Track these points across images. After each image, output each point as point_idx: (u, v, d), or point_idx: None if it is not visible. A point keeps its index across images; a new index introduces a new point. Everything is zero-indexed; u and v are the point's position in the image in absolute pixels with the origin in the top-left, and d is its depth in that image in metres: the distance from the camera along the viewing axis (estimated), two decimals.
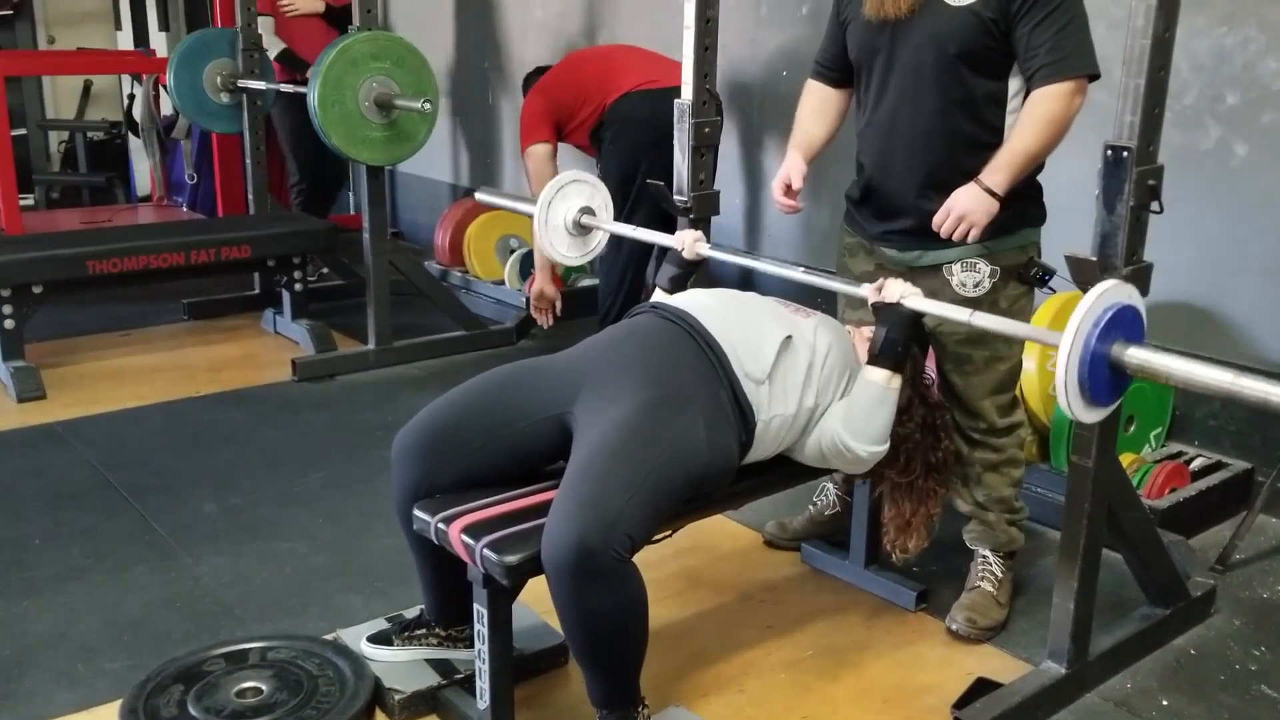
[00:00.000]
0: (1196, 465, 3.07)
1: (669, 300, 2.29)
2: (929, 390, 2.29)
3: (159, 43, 7.49)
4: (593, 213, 2.70)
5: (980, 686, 2.17)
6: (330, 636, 2.34)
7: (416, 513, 2.02)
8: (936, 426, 2.25)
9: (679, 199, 2.73)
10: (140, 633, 2.46)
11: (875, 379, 2.11)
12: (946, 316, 2.09)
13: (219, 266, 4.29)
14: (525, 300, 4.70)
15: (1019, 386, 2.54)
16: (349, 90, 3.97)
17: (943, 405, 2.32)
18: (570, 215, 2.69)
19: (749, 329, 2.14)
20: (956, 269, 2.34)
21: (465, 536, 1.91)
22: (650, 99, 3.72)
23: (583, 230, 2.71)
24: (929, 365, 2.35)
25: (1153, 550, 2.38)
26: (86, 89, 7.72)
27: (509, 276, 4.89)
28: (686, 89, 2.68)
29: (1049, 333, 1.91)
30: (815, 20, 3.90)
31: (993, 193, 2.20)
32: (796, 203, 2.46)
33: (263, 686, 2.16)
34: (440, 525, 1.96)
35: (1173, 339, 3.13)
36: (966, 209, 2.20)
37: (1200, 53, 3.02)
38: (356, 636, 2.29)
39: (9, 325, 3.91)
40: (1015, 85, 2.26)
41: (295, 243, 4.49)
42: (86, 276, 4.01)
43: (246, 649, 2.28)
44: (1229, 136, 3.01)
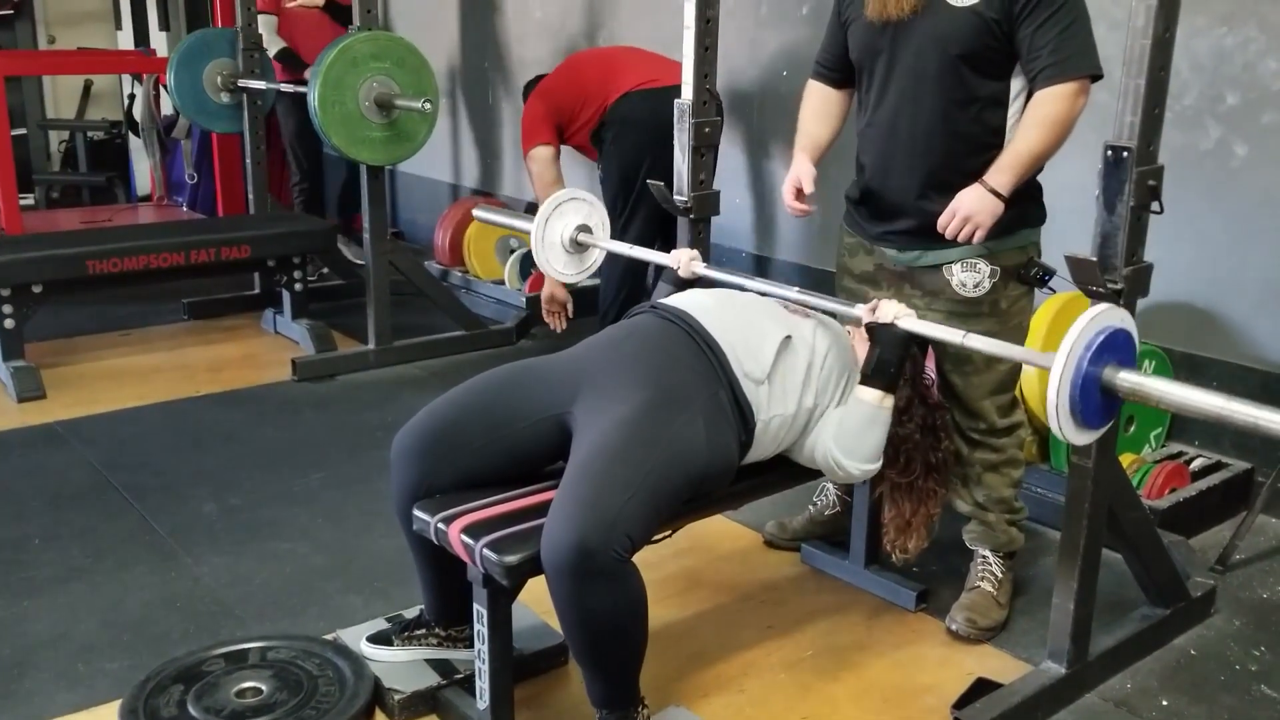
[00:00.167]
0: (1196, 465, 3.07)
1: (668, 300, 2.29)
2: (929, 390, 2.29)
3: (159, 43, 7.49)
4: (589, 230, 2.71)
5: (980, 687, 2.17)
6: (330, 636, 2.34)
7: (416, 513, 2.02)
8: (936, 427, 2.25)
9: (679, 199, 2.73)
10: (140, 633, 2.46)
11: (868, 399, 2.11)
12: (940, 339, 2.09)
13: (219, 266, 4.29)
14: (525, 300, 4.71)
15: (1019, 387, 2.54)
16: (349, 90, 3.97)
17: (943, 405, 2.32)
18: (567, 233, 2.69)
19: (748, 329, 2.14)
20: (957, 269, 2.34)
21: (465, 536, 1.91)
22: (650, 98, 3.71)
23: (579, 248, 2.73)
24: (929, 365, 2.35)
25: (1153, 550, 2.38)
26: (87, 89, 7.73)
27: (509, 276, 4.89)
28: (686, 89, 2.68)
29: (1041, 355, 1.92)
30: (815, 20, 3.90)
31: (997, 194, 2.20)
32: (808, 206, 2.45)
33: (262, 686, 2.16)
34: (440, 525, 1.96)
35: (1173, 339, 3.14)
36: (972, 210, 2.20)
37: (1200, 53, 3.02)
38: (356, 636, 2.29)
39: (9, 325, 3.91)
40: (1017, 86, 2.26)
41: (295, 243, 4.49)
42: (86, 276, 4.01)
43: (246, 649, 2.28)
44: (1229, 136, 3.01)
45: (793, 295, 2.27)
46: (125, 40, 7.83)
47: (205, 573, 2.72)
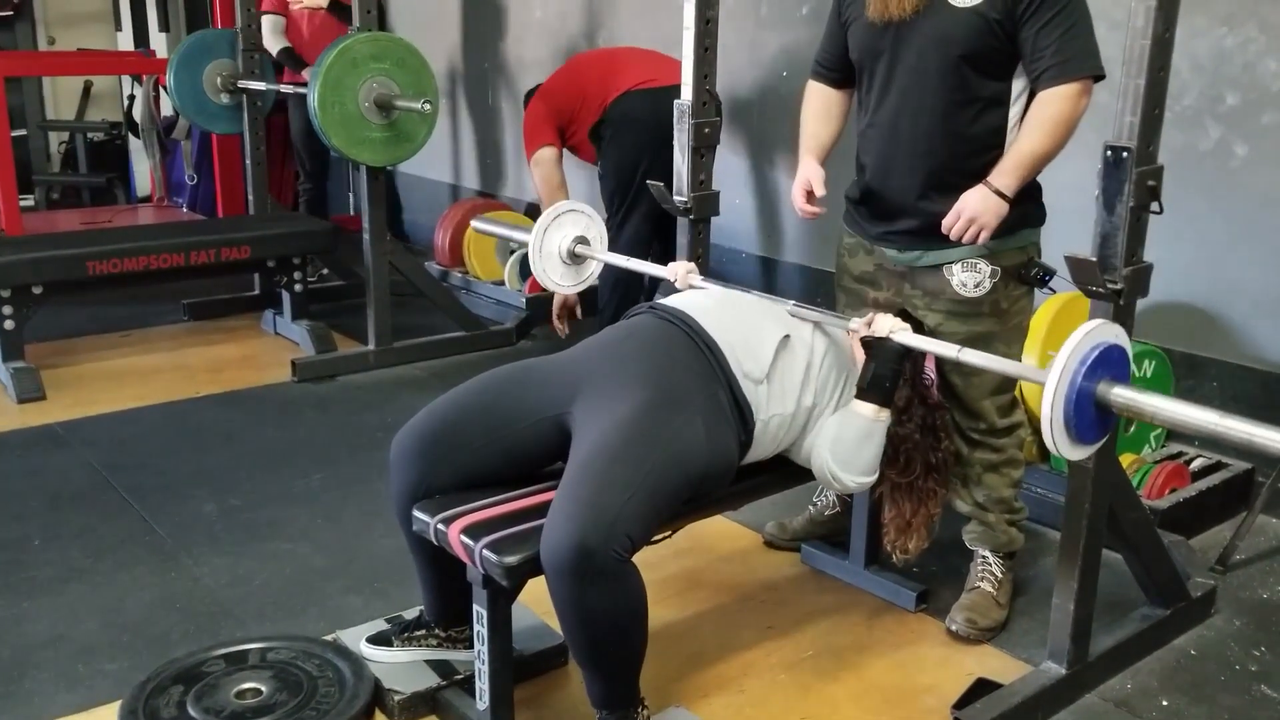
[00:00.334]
0: (1196, 465, 3.06)
1: (667, 301, 2.29)
2: (929, 390, 2.29)
3: (159, 43, 7.50)
4: (587, 242, 2.72)
5: (980, 687, 2.17)
6: (330, 637, 2.34)
7: (416, 513, 2.02)
8: (936, 427, 2.25)
9: (679, 199, 2.73)
10: (140, 633, 2.45)
11: (863, 412, 2.10)
12: (935, 352, 2.09)
13: (219, 267, 4.30)
14: (525, 301, 4.71)
15: (1019, 387, 2.54)
16: (349, 91, 3.97)
17: (942, 405, 2.32)
18: (565, 244, 2.70)
19: (747, 329, 2.15)
20: (957, 269, 2.33)
21: (465, 537, 1.91)
22: (649, 97, 3.72)
23: (577, 259, 2.73)
24: (929, 365, 2.35)
25: (1153, 550, 2.38)
26: (86, 90, 7.73)
27: (509, 277, 4.89)
28: (686, 89, 2.68)
29: (1036, 370, 1.92)
30: (815, 20, 3.90)
31: (1002, 194, 2.20)
32: (818, 208, 2.44)
33: (262, 687, 2.15)
34: (440, 526, 1.96)
35: (1173, 339, 3.14)
36: (976, 211, 2.20)
37: (1200, 53, 3.02)
38: (356, 637, 2.29)
39: (9, 326, 3.91)
40: (1018, 86, 2.26)
41: (295, 243, 4.49)
42: (86, 277, 4.01)
43: (246, 650, 2.28)
44: (1229, 137, 3.01)
45: (788, 308, 2.27)
46: (125, 41, 7.84)
47: (205, 573, 2.72)
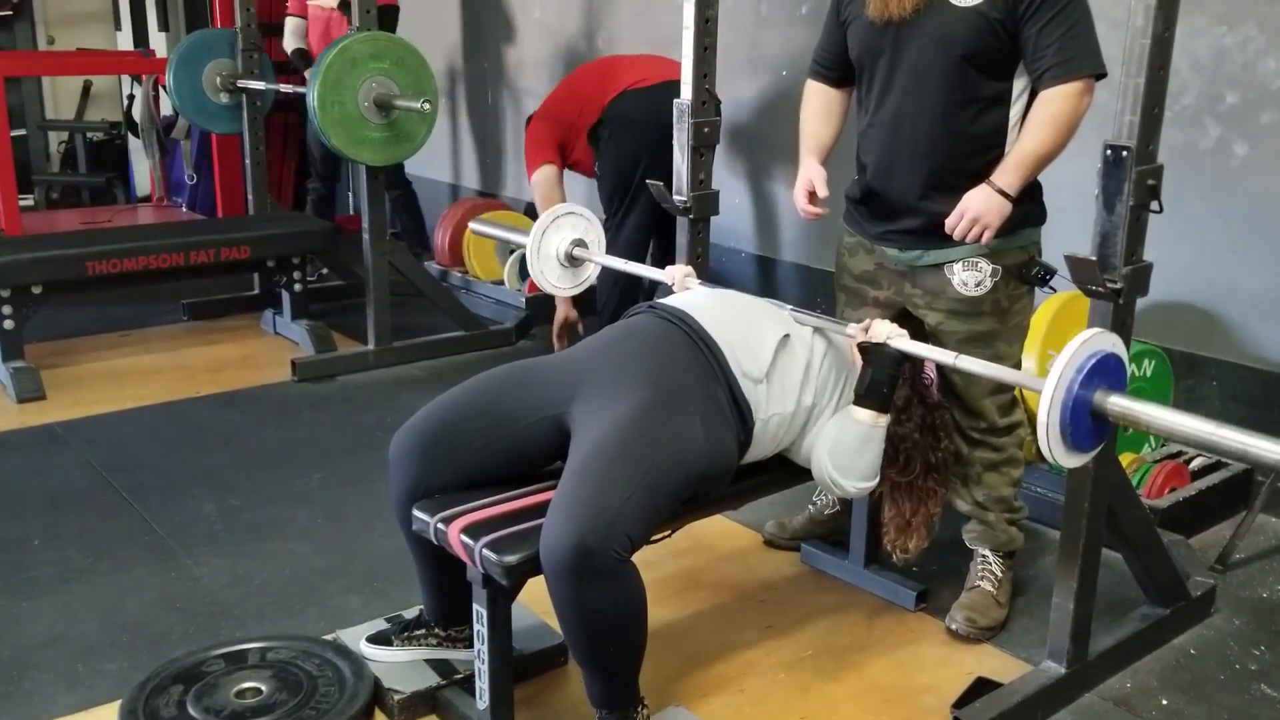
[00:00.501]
0: (1196, 465, 3.06)
1: (667, 300, 2.29)
2: (929, 390, 2.29)
3: (159, 43, 7.50)
4: (585, 245, 2.72)
5: (980, 686, 2.17)
6: (329, 637, 2.34)
7: (416, 513, 2.02)
8: (936, 426, 2.25)
9: (678, 199, 2.73)
10: (139, 633, 2.45)
11: (861, 418, 2.10)
12: (932, 358, 2.09)
13: (219, 267, 4.30)
14: (524, 300, 4.71)
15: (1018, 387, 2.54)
16: (348, 90, 3.97)
17: (942, 405, 2.32)
18: (563, 247, 2.70)
19: (746, 328, 2.14)
20: (958, 268, 2.33)
21: (464, 537, 1.91)
22: (646, 95, 3.72)
23: (574, 262, 2.73)
24: (929, 365, 2.35)
25: (1153, 550, 2.38)
26: (86, 89, 7.73)
27: (508, 277, 4.89)
28: (686, 89, 2.68)
29: (1033, 378, 1.92)
30: (815, 20, 3.90)
31: (1005, 194, 2.20)
32: (821, 209, 2.44)
33: (262, 687, 2.15)
34: (439, 526, 1.96)
35: (1173, 339, 3.14)
36: (980, 211, 2.20)
37: (1200, 53, 3.02)
38: (356, 637, 2.29)
39: (9, 326, 3.91)
40: (1019, 86, 2.25)
41: (295, 243, 4.49)
42: (86, 277, 4.01)
43: (246, 649, 2.28)
44: (1229, 136, 3.01)
45: (786, 312, 2.27)
46: (124, 41, 7.84)
47: (205, 573, 2.72)
